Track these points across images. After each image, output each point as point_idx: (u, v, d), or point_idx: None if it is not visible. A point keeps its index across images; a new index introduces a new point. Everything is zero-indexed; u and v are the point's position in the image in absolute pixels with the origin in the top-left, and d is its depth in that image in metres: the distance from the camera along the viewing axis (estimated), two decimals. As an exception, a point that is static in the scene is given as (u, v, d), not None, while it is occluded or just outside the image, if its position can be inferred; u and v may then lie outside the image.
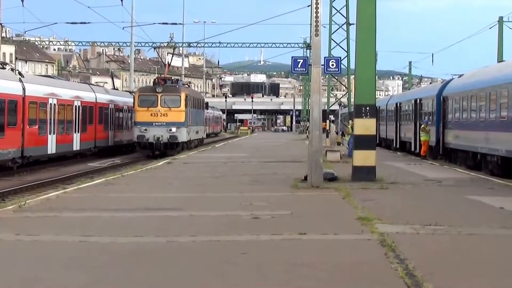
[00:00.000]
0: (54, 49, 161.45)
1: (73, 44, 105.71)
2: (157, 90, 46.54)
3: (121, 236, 12.93)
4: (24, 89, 33.11)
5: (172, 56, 58.12)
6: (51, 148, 36.76)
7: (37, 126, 34.69)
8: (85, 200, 18.93)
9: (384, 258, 10.86)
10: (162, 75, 55.30)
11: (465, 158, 32.36)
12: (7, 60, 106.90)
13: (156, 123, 45.79)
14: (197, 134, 54.21)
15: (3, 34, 67.64)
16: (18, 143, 32.52)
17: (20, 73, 35.00)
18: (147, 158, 44.69)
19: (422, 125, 37.60)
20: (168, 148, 46.01)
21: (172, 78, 53.80)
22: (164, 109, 46.13)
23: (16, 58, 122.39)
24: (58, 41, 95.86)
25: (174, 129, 45.83)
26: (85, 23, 35.92)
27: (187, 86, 56.27)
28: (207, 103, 61.35)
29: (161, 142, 45.75)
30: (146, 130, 45.50)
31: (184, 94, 47.12)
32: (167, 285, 9.53)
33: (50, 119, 36.50)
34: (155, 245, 12.20)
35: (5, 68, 33.84)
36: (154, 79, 52.02)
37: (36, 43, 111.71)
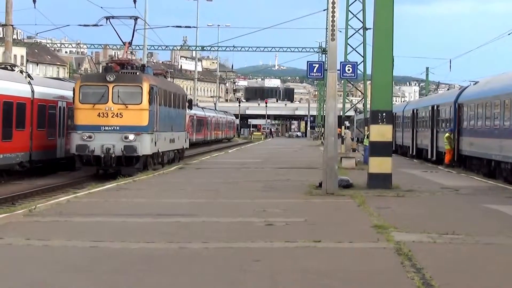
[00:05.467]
0: (66, 52, 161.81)
1: (85, 46, 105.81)
2: (108, 79, 32.19)
3: (132, 242, 12.80)
4: (33, 91, 32.70)
5: (134, 27, 37.44)
6: (60, 152, 36.46)
7: (46, 130, 34.30)
8: (96, 205, 18.84)
9: (401, 267, 10.70)
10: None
11: (479, 166, 32.23)
12: (18, 63, 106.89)
13: (106, 128, 31.92)
14: (172, 143, 38.32)
15: (15, 36, 67.59)
16: (26, 147, 32.02)
17: (29, 75, 34.42)
18: (92, 178, 32.11)
19: (447, 134, 36.97)
20: (123, 164, 32.02)
21: (133, 62, 37.46)
22: (117, 106, 32.00)
23: (27, 61, 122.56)
24: (70, 44, 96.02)
25: (131, 137, 31.73)
26: (97, 25, 34.66)
27: (162, 76, 41.20)
28: (190, 101, 45.00)
29: (112, 155, 31.62)
30: (90, 137, 31.72)
31: (147, 85, 32.49)
32: (178, 293, 9.38)
33: (59, 123, 36.18)
34: (166, 251, 12.06)
35: (14, 70, 33.49)
36: (106, 63, 37.12)
37: (48, 45, 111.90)
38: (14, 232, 13.80)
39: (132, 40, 37.77)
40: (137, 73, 33.40)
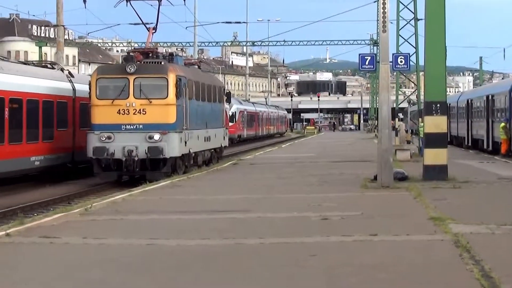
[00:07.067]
0: (117, 51, 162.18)
1: (136, 45, 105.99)
2: (128, 70, 28.02)
3: (189, 239, 12.78)
4: (74, 89, 32.06)
5: (159, 9, 32.30)
6: None
7: None
8: (151, 203, 18.89)
9: (459, 259, 10.52)
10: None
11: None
12: (70, 63, 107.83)
13: (127, 126, 27.92)
14: (207, 142, 33.84)
15: (66, 37, 68.06)
16: (68, 147, 31.18)
17: (70, 73, 33.51)
18: (113, 185, 27.99)
19: (503, 123, 36.41)
20: (148, 169, 27.82)
21: (158, 50, 32.62)
22: (140, 102, 27.99)
23: (79, 60, 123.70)
24: (121, 42, 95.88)
25: (157, 136, 27.64)
26: (148, 23, 33.85)
27: (195, 66, 35.91)
28: (228, 93, 40.12)
29: (135, 158, 27.52)
30: (110, 138, 27.77)
31: (173, 76, 28.31)
32: (235, 290, 9.33)
33: None
34: (222, 248, 12.03)
35: (54, 68, 32.93)
36: (128, 52, 33.00)
37: (99, 44, 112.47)
38: (71, 231, 13.88)
39: (157, 25, 32.76)
40: (162, 63, 29.22)
